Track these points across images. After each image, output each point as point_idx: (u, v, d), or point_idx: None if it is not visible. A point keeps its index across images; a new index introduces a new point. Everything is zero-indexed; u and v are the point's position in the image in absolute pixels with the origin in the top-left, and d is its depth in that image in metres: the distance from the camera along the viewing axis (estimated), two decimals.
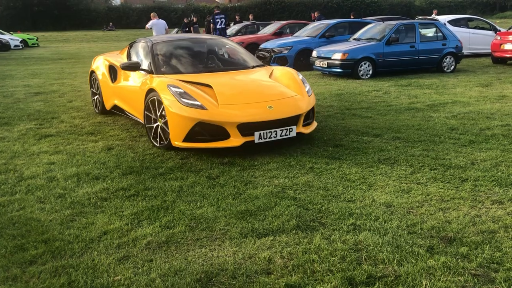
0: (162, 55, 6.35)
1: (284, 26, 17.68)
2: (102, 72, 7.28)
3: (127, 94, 6.47)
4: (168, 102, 5.15)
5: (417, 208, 3.69)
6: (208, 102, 5.08)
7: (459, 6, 49.69)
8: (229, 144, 4.97)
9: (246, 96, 5.35)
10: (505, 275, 2.68)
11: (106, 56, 7.59)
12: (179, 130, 5.07)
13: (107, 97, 7.15)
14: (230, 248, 3.11)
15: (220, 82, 5.58)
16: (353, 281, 2.67)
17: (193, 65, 6.34)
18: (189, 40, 7.18)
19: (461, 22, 16.45)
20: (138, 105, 5.91)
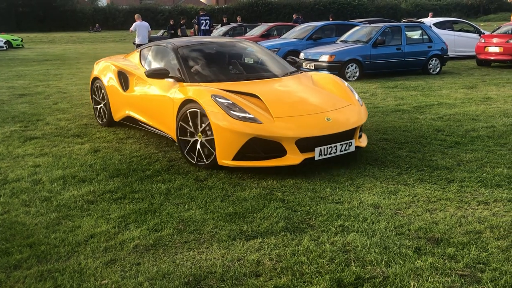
0: (191, 60, 5.66)
1: (271, 28, 17.74)
2: (110, 79, 6.48)
3: (149, 104, 5.70)
4: (214, 115, 4.49)
5: (404, 209, 3.71)
6: (261, 115, 4.49)
7: (444, 9, 50.28)
8: (287, 162, 4.42)
9: (300, 107, 4.80)
10: (491, 275, 2.71)
11: (113, 61, 6.75)
12: (228, 147, 4.46)
13: (117, 107, 6.37)
14: (218, 251, 3.09)
15: (266, 91, 4.97)
16: (341, 283, 2.68)
17: (228, 72, 5.73)
18: (216, 43, 6.42)
19: (446, 24, 16.66)
20: (166, 117, 5.24)
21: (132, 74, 6.16)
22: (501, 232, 3.26)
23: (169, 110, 5.13)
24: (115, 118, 6.49)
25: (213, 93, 4.68)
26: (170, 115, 5.13)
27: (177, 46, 5.77)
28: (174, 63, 5.60)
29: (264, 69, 5.96)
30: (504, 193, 3.94)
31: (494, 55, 13.71)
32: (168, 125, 5.23)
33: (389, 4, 52.22)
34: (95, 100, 6.98)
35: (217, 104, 4.54)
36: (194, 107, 4.73)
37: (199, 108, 4.66)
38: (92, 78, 7.00)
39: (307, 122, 4.59)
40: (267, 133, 4.39)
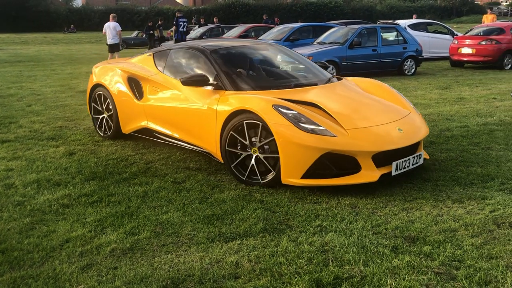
0: (228, 66, 5.05)
1: (249, 30, 17.77)
2: (119, 86, 5.76)
3: (177, 115, 5.03)
4: (279, 127, 3.98)
5: (381, 208, 3.75)
6: (332, 127, 4.05)
7: (418, 11, 51.14)
8: (363, 179, 3.98)
9: (369, 117, 4.37)
10: (466, 272, 2.76)
11: (119, 66, 6.01)
12: (296, 164, 3.97)
13: (128, 118, 5.68)
14: (197, 253, 3.07)
15: (324, 100, 4.51)
16: (320, 283, 2.69)
17: (273, 79, 5.23)
18: (249, 47, 5.78)
19: (420, 26, 16.96)
20: (202, 129, 4.70)
21: (147, 80, 5.49)
22: (475, 229, 3.33)
23: (209, 121, 4.58)
24: (125, 130, 5.78)
25: (275, 103, 4.16)
26: (209, 127, 4.59)
27: (209, 50, 5.17)
28: (207, 68, 5.00)
29: (305, 75, 5.38)
30: (477, 192, 4.02)
31: (467, 56, 14.01)
32: (205, 137, 4.68)
33: (365, 6, 52.88)
34: (96, 110, 6.18)
35: (282, 116, 4.02)
36: (251, 118, 4.16)
37: (258, 120, 4.10)
38: (93, 85, 6.18)
39: (381, 133, 4.18)
40: (343, 147, 3.93)
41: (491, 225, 3.39)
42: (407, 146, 4.21)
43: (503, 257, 2.94)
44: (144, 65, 5.80)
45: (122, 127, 5.81)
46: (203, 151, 4.85)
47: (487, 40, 13.70)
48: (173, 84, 5.19)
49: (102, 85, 6.01)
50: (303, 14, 47.75)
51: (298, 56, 5.83)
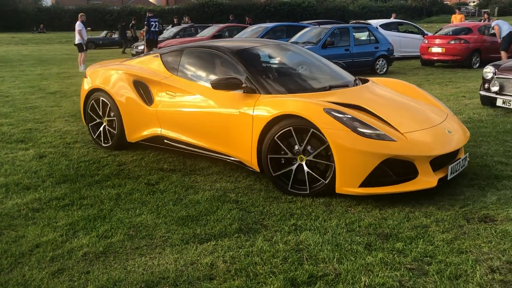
0: (258, 67, 4.77)
1: (223, 29, 17.72)
2: (124, 91, 5.26)
3: (202, 122, 4.63)
4: (335, 133, 3.72)
5: (354, 206, 3.79)
6: (389, 131, 3.84)
7: (389, 10, 51.97)
8: (422, 185, 3.76)
9: (416, 120, 4.18)
10: (437, 268, 2.82)
11: (121, 68, 5.50)
12: (355, 171, 3.72)
13: (136, 125, 5.20)
14: (171, 256, 3.04)
15: (368, 102, 4.27)
16: (295, 282, 2.70)
17: (307, 80, 4.93)
18: (269, 47, 5.42)
19: (391, 26, 17.24)
20: (235, 137, 4.35)
21: (158, 84, 5.05)
22: (445, 225, 3.40)
23: (242, 127, 4.26)
24: (131, 139, 5.29)
25: (326, 107, 3.88)
26: (242, 134, 4.27)
27: (233, 50, 4.80)
28: (232, 70, 4.68)
29: (333, 76, 5.08)
30: (448, 188, 4.10)
31: (437, 55, 14.31)
32: (236, 145, 4.36)
33: (338, 6, 53.44)
34: (93, 117, 5.61)
35: (337, 120, 3.76)
36: (299, 123, 3.89)
37: (308, 125, 3.83)
38: (89, 89, 5.62)
39: (435, 136, 4.01)
40: (403, 152, 3.72)
41: (461, 221, 3.47)
42: (458, 148, 4.10)
43: (472, 251, 3.01)
44: (150, 67, 5.33)
45: (128, 136, 5.29)
46: (232, 160, 4.48)
47: (455, 39, 14.02)
48: (194, 87, 4.80)
49: (102, 90, 5.45)
50: (276, 14, 47.94)
51: (316, 56, 5.59)
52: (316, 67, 5.30)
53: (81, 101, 5.86)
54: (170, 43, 16.74)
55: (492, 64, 7.72)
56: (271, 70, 4.91)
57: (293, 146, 3.98)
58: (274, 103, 4.14)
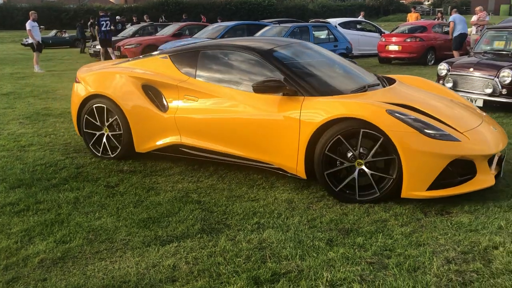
0: (296, 67, 4.47)
1: (183, 28, 17.54)
2: (132, 96, 4.78)
3: (235, 128, 4.29)
4: (402, 136, 3.54)
5: (316, 202, 3.84)
6: (451, 131, 3.73)
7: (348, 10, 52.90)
8: (482, 184, 3.69)
9: (464, 118, 4.07)
10: (397, 261, 2.89)
11: (125, 71, 5.00)
12: (423, 174, 3.57)
13: (149, 134, 4.76)
14: (132, 259, 2.98)
15: (417, 102, 4.11)
16: (258, 280, 2.70)
17: (344, 80, 4.64)
18: (297, 45, 5.10)
19: (350, 24, 17.54)
20: (277, 143, 4.07)
21: (174, 88, 4.65)
22: (404, 219, 3.49)
23: (287, 132, 3.99)
24: (141, 149, 4.85)
25: (387, 108, 3.70)
26: (287, 139, 4.00)
27: (265, 50, 4.51)
28: (266, 71, 4.35)
29: (362, 76, 4.83)
30: None
31: (394, 53, 14.67)
32: (279, 151, 4.08)
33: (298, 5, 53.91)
34: (91, 125, 5.07)
35: (402, 122, 3.59)
36: (356, 126, 3.68)
37: (370, 128, 3.63)
38: (87, 95, 5.03)
39: (487, 134, 3.93)
40: (468, 152, 3.63)
41: (419, 214, 3.57)
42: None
43: (429, 244, 3.10)
44: (159, 69, 4.89)
45: (137, 146, 4.84)
46: (271, 167, 4.22)
47: (411, 37, 14.42)
48: (221, 91, 4.45)
49: (103, 96, 4.91)
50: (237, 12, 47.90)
51: (335, 54, 5.42)
52: (342, 67, 4.99)
53: (74, 109, 5.24)
54: (129, 42, 16.44)
55: (446, 61, 7.99)
56: (307, 71, 4.56)
57: (347, 153, 3.77)
58: (324, 105, 3.87)
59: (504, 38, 8.19)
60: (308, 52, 5.04)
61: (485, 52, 8.13)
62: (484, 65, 7.35)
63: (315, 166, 3.88)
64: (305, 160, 3.93)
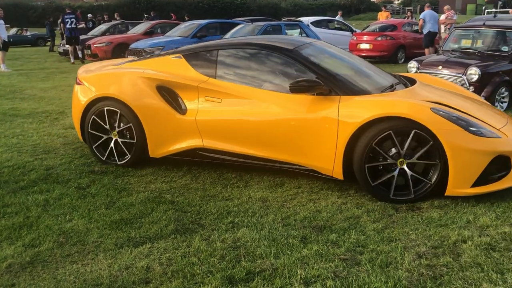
0: (327, 65, 4.36)
1: (155, 26, 17.34)
2: (147, 98, 4.50)
3: (265, 129, 4.14)
4: (449, 134, 3.55)
5: (290, 200, 3.86)
6: (490, 128, 3.80)
7: (320, 8, 53.36)
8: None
9: (495, 115, 4.20)
10: (369, 256, 2.93)
11: (136, 72, 4.72)
12: (469, 171, 3.59)
13: (165, 138, 4.51)
14: (104, 261, 2.94)
15: (448, 100, 4.15)
16: (233, 279, 2.70)
17: (372, 79, 4.54)
18: (318, 44, 4.97)
19: (322, 23, 17.67)
20: (311, 144, 3.97)
21: (193, 89, 4.44)
22: (376, 215, 3.54)
23: (323, 133, 3.89)
24: (156, 154, 4.60)
25: (431, 106, 3.71)
26: (322, 140, 3.91)
27: (292, 48, 4.39)
28: (295, 69, 4.25)
29: (381, 75, 4.77)
30: None
31: (365, 52, 14.86)
32: (313, 152, 3.99)
33: (270, 4, 54.04)
34: (98, 129, 4.74)
35: (446, 119, 3.60)
36: (401, 125, 3.63)
37: (413, 126, 3.60)
38: (93, 98, 4.68)
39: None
40: (509, 148, 3.68)
41: (390, 210, 3.63)
42: None
43: (401, 239, 3.16)
44: (171, 70, 4.66)
45: (152, 150, 4.58)
46: (301, 169, 4.13)
47: (382, 36, 14.65)
48: (247, 92, 4.29)
49: (112, 99, 4.58)
50: (210, 10, 47.68)
51: (349, 53, 5.36)
52: (362, 66, 4.90)
53: (77, 112, 4.87)
54: (100, 40, 16.16)
55: (415, 59, 8.14)
56: (336, 70, 4.40)
57: (391, 150, 3.74)
58: (364, 104, 3.82)
59: (471, 37, 8.40)
60: (327, 51, 4.87)
61: (453, 50, 8.32)
62: (452, 63, 7.52)
63: (356, 160, 3.78)
64: (343, 160, 3.86)
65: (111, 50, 15.71)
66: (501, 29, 7.82)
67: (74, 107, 4.99)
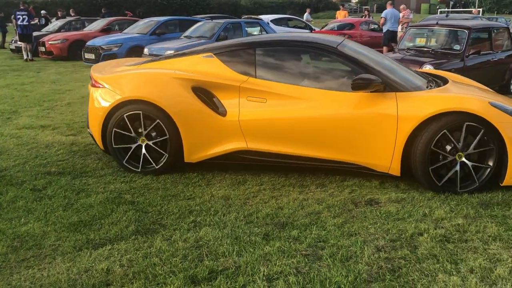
0: (376, 62, 4.36)
1: (112, 23, 16.95)
2: (184, 101, 4.24)
3: (317, 128, 4.05)
4: (508, 126, 3.72)
5: (252, 198, 3.87)
6: None
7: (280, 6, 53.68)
8: None
9: None
10: (330, 251, 2.98)
11: (166, 72, 4.41)
12: None
13: (205, 141, 4.28)
14: (63, 265, 2.85)
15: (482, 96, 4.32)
16: (195, 279, 2.69)
17: (411, 76, 4.53)
18: (348, 41, 4.94)
19: (282, 21, 17.84)
20: (367, 141, 3.95)
21: (233, 89, 4.25)
22: (336, 210, 3.61)
23: (381, 129, 3.90)
24: (193, 158, 4.35)
25: (489, 100, 3.87)
26: (380, 137, 3.91)
27: (335, 45, 4.33)
28: (344, 66, 4.25)
29: (412, 72, 4.80)
30: (337, 175, 4.35)
31: None
32: (370, 150, 3.98)
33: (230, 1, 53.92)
34: (123, 138, 4.39)
35: (505, 113, 3.77)
36: (460, 120, 3.75)
37: (476, 122, 3.73)
38: (118, 102, 4.30)
39: None
40: None
41: (350, 205, 3.71)
42: None
43: (360, 233, 3.23)
44: (204, 69, 4.42)
45: (188, 155, 4.32)
46: (353, 167, 4.11)
47: (340, 34, 14.88)
48: (294, 91, 4.17)
49: (142, 101, 4.24)
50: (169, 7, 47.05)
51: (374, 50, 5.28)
52: (395, 63, 4.86)
53: (97, 118, 4.42)
54: (54, 37, 15.64)
55: None
56: (384, 67, 4.36)
57: (450, 145, 3.85)
58: (424, 100, 3.88)
59: (425, 35, 8.67)
60: (360, 49, 4.75)
61: (408, 48, 8.56)
62: (407, 61, 7.73)
63: (417, 164, 3.85)
64: (402, 157, 3.90)
65: (67, 48, 15.26)
66: (452, 28, 8.11)
67: (93, 112, 4.54)
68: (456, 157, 3.86)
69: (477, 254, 2.94)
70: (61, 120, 6.71)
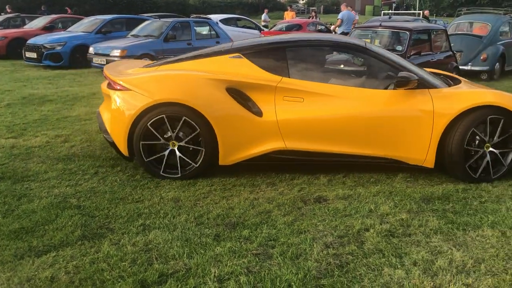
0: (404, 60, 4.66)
1: (55, 20, 16.31)
2: (220, 103, 4.13)
3: (355, 126, 4.16)
4: None
5: (203, 199, 3.85)
6: None
7: (228, 6, 53.65)
8: None
9: None
10: (281, 250, 3.02)
11: (201, 74, 4.29)
12: None
13: (242, 143, 4.20)
14: (2, 275, 2.72)
15: None
16: (145, 283, 2.64)
17: (430, 75, 4.76)
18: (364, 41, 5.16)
19: (231, 21, 17.85)
20: (404, 137, 4.14)
21: (269, 89, 4.21)
22: (286, 209, 3.65)
23: (418, 124, 4.10)
24: (228, 161, 4.26)
25: (499, 91, 4.24)
26: (417, 132, 4.12)
27: (362, 45, 4.56)
28: (375, 66, 4.46)
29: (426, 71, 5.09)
30: (287, 174, 4.41)
31: None
32: (405, 145, 4.16)
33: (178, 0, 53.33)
34: (154, 143, 4.22)
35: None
36: (492, 113, 4.08)
37: (497, 114, 4.08)
38: (148, 105, 4.07)
39: None
40: None
41: (299, 203, 3.77)
42: None
43: (310, 231, 3.29)
44: (235, 70, 4.34)
45: (224, 158, 4.22)
46: (389, 161, 4.26)
47: None
48: (331, 89, 4.23)
49: (176, 104, 4.07)
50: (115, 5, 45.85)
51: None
52: (409, 62, 5.03)
53: (123, 122, 4.15)
54: None
55: None
56: (409, 64, 4.63)
57: (477, 139, 4.16)
58: (456, 95, 4.19)
59: (369, 36, 8.94)
60: (382, 50, 4.90)
61: None
62: None
63: (453, 161, 4.13)
64: (437, 150, 4.13)
65: (5, 46, 14.54)
66: (395, 30, 8.42)
67: (115, 117, 4.30)
68: (484, 148, 4.19)
69: (420, 247, 3.07)
70: (0, 122, 6.39)
